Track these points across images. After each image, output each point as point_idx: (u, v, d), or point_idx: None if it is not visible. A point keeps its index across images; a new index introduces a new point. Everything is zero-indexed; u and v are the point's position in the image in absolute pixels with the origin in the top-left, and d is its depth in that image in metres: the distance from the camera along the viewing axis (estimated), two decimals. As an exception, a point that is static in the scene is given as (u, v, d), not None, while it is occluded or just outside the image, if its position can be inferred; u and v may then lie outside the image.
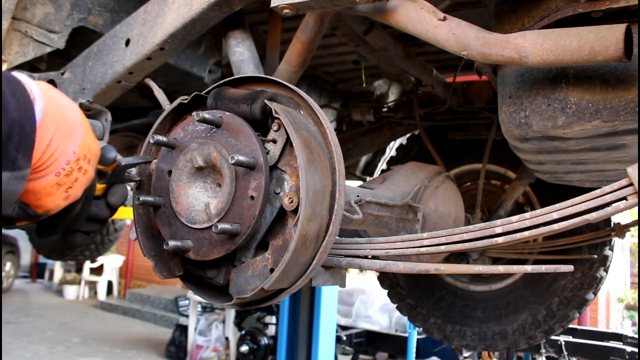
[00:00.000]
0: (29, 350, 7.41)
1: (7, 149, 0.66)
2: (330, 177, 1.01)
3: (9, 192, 0.69)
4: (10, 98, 0.67)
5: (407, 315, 2.79)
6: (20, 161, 0.68)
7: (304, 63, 1.54)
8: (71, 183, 0.79)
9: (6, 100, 0.66)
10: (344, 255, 1.13)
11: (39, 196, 0.77)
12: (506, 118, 1.28)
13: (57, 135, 0.74)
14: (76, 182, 0.80)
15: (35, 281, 14.33)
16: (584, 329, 5.24)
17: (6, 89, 0.67)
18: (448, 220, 1.81)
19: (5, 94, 0.66)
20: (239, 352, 6.63)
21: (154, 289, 11.52)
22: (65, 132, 0.76)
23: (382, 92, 2.98)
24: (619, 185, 0.86)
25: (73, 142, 0.77)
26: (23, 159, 0.69)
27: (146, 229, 1.10)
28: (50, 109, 0.74)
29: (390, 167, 2.54)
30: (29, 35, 1.66)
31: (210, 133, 1.03)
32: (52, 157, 0.74)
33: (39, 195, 0.77)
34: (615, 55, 0.95)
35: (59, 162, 0.76)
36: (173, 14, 1.36)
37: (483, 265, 1.49)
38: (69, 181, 0.79)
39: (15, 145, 0.67)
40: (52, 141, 0.74)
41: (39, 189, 0.76)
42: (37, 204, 0.79)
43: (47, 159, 0.74)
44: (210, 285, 1.09)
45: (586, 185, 1.81)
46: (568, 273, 2.38)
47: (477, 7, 1.93)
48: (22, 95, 0.69)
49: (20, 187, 0.71)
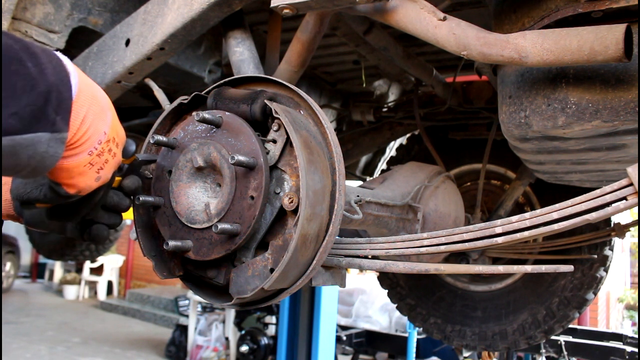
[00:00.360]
0: (29, 350, 7.41)
1: (47, 110, 0.64)
2: (330, 177, 1.01)
3: (49, 154, 0.67)
4: (47, 64, 0.65)
5: (407, 315, 2.79)
6: (60, 123, 0.67)
7: (304, 63, 1.54)
8: (102, 164, 0.79)
9: (44, 65, 0.65)
10: (344, 255, 1.13)
11: (73, 174, 0.76)
12: (506, 118, 1.28)
13: (90, 113, 0.73)
14: (107, 163, 0.79)
15: (35, 281, 14.33)
16: (584, 329, 5.24)
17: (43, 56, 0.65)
18: (448, 220, 1.81)
19: (42, 59, 0.65)
20: (239, 352, 6.63)
21: (154, 289, 11.52)
22: (97, 111, 0.75)
23: (382, 92, 2.98)
24: (619, 185, 0.86)
25: (104, 122, 0.77)
26: (61, 121, 0.67)
27: (146, 229, 1.10)
28: (84, 86, 0.73)
29: (390, 167, 2.54)
30: (29, 35, 1.66)
31: (210, 133, 1.03)
32: (86, 134, 0.73)
33: (73, 173, 0.76)
34: (615, 55, 0.95)
35: (92, 140, 0.74)
36: (173, 14, 1.36)
37: (483, 265, 1.49)
38: (101, 162, 0.78)
39: (54, 107, 0.65)
40: (87, 117, 0.72)
41: (72, 167, 0.75)
42: (70, 183, 0.78)
43: (81, 135, 0.72)
44: (210, 285, 1.09)
45: (586, 185, 1.81)
46: (568, 273, 2.38)
47: (477, 7, 1.93)
48: (58, 64, 0.68)
49: (60, 150, 0.69)
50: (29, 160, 0.65)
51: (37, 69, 0.63)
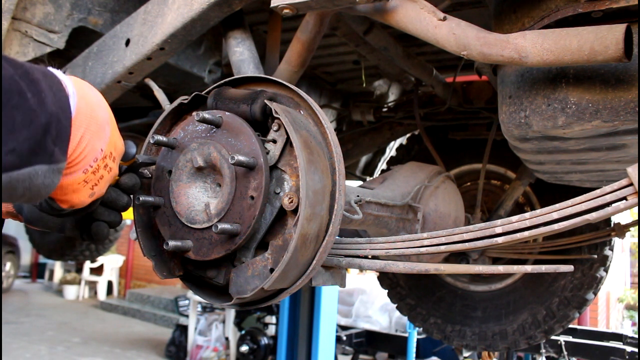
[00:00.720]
0: (29, 350, 7.41)
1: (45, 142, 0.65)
2: (330, 177, 1.01)
3: (45, 185, 0.69)
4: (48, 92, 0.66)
5: (407, 315, 2.79)
6: (57, 154, 0.68)
7: (304, 63, 1.54)
8: (97, 180, 0.80)
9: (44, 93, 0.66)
10: (344, 255, 1.13)
11: (66, 192, 0.78)
12: (506, 118, 1.28)
13: (87, 133, 0.75)
14: (101, 179, 0.81)
15: (35, 281, 14.33)
16: (584, 329, 5.24)
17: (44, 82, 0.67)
18: (448, 220, 1.81)
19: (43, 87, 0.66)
20: (239, 352, 6.63)
21: (154, 289, 11.52)
22: (95, 130, 0.76)
23: (382, 92, 2.98)
24: (619, 185, 0.86)
25: (102, 140, 0.78)
26: (60, 152, 0.69)
27: (146, 229, 1.10)
28: (83, 107, 0.74)
29: (390, 167, 2.54)
30: (29, 35, 1.66)
31: (210, 133, 1.03)
32: (82, 154, 0.75)
33: (66, 190, 0.77)
34: (615, 55, 0.95)
35: (87, 159, 0.76)
36: (173, 14, 1.36)
37: (483, 265, 1.49)
38: (95, 178, 0.80)
39: (52, 138, 0.67)
40: (83, 138, 0.74)
41: (66, 185, 0.76)
42: (63, 199, 0.80)
43: (77, 156, 0.74)
44: (210, 285, 1.09)
45: (586, 185, 1.81)
46: (568, 273, 2.38)
47: (477, 7, 1.93)
48: (59, 89, 0.69)
49: (56, 180, 0.71)
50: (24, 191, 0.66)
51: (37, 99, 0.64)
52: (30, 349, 7.48)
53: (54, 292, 12.75)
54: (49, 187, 0.70)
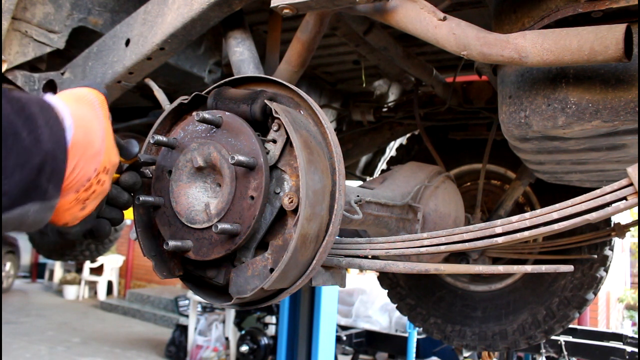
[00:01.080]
0: (29, 350, 7.41)
1: (39, 181, 0.66)
2: (330, 177, 1.01)
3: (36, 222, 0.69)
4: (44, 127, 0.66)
5: (407, 315, 2.79)
6: (51, 191, 0.69)
7: (304, 63, 1.54)
8: (89, 195, 0.80)
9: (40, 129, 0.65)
10: (344, 255, 1.13)
11: (58, 212, 0.78)
12: (506, 118, 1.28)
13: (82, 160, 0.75)
14: (94, 194, 0.81)
15: (35, 281, 14.33)
16: (584, 329, 5.24)
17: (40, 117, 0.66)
18: (448, 220, 1.81)
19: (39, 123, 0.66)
20: (239, 352, 6.63)
21: (154, 289, 11.52)
22: (90, 156, 0.77)
23: (382, 92, 2.98)
24: (619, 185, 0.86)
25: (96, 161, 0.78)
26: (54, 189, 0.69)
27: (146, 229, 1.10)
28: (80, 136, 0.74)
29: (390, 167, 2.54)
30: (29, 35, 1.66)
31: (210, 133, 1.03)
32: (74, 180, 0.75)
33: (58, 211, 0.78)
34: (615, 55, 0.95)
35: (80, 182, 0.77)
36: (173, 14, 1.36)
37: (483, 265, 1.49)
38: (87, 194, 0.80)
39: (47, 176, 0.67)
40: (77, 166, 0.74)
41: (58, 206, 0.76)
42: (55, 219, 0.80)
43: (69, 182, 0.74)
44: (210, 285, 1.09)
45: (586, 185, 1.81)
46: (568, 273, 2.38)
47: (477, 7, 1.93)
48: (55, 123, 0.69)
49: (48, 216, 0.71)
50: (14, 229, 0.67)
51: (33, 137, 0.64)
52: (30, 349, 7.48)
53: (54, 292, 12.76)
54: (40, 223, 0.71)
